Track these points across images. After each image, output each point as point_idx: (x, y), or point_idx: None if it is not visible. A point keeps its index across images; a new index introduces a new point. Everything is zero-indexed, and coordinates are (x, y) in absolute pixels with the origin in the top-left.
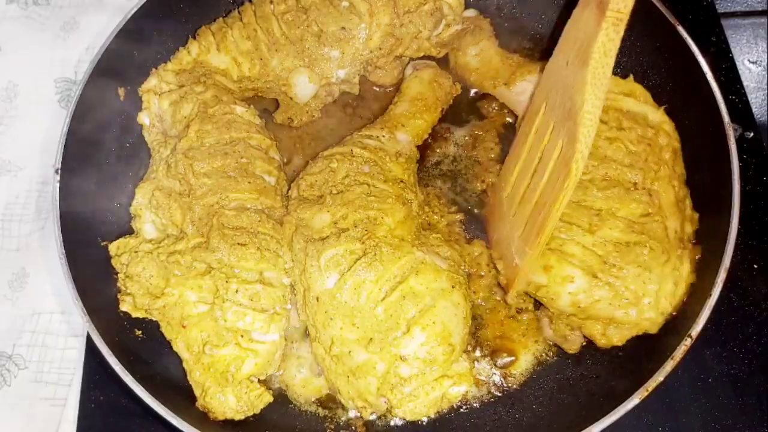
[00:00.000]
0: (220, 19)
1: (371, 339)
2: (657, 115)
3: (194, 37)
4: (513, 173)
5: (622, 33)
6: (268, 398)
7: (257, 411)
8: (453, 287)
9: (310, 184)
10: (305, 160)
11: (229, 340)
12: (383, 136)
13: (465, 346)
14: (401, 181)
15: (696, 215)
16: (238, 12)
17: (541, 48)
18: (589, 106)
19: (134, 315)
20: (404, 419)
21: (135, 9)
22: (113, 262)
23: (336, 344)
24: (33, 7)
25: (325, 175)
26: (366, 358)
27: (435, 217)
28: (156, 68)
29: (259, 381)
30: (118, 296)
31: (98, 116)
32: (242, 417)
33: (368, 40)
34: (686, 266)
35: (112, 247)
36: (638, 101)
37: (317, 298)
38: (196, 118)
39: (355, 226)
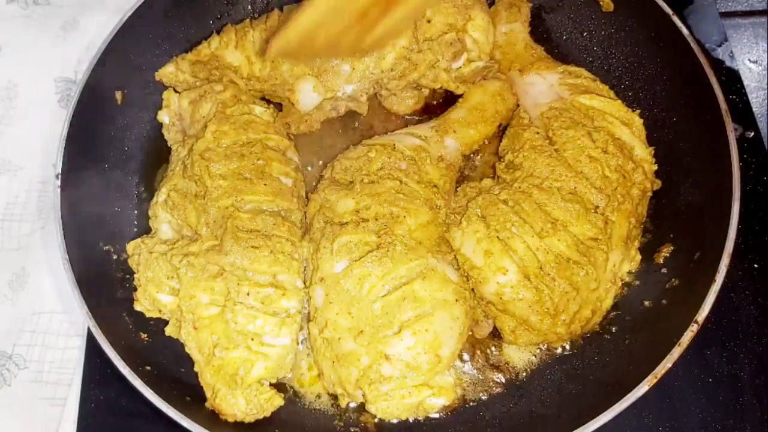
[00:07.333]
0: (247, 20)
1: (362, 331)
2: (643, 152)
3: (218, 33)
4: None
5: None
6: (279, 401)
7: (267, 414)
8: (456, 301)
9: (345, 168)
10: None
11: (239, 343)
12: (430, 138)
13: (454, 360)
14: (435, 186)
15: (638, 257)
16: (266, 16)
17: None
18: None
19: (148, 315)
20: (375, 416)
21: (131, 12)
22: (129, 261)
23: (329, 328)
24: (33, 7)
25: (361, 162)
26: (353, 348)
27: None
28: (176, 56)
29: (270, 384)
30: (134, 295)
31: (97, 120)
32: (252, 419)
33: (381, 59)
34: (609, 300)
35: (129, 247)
36: (632, 133)
37: (322, 279)
38: (214, 118)
39: (376, 219)
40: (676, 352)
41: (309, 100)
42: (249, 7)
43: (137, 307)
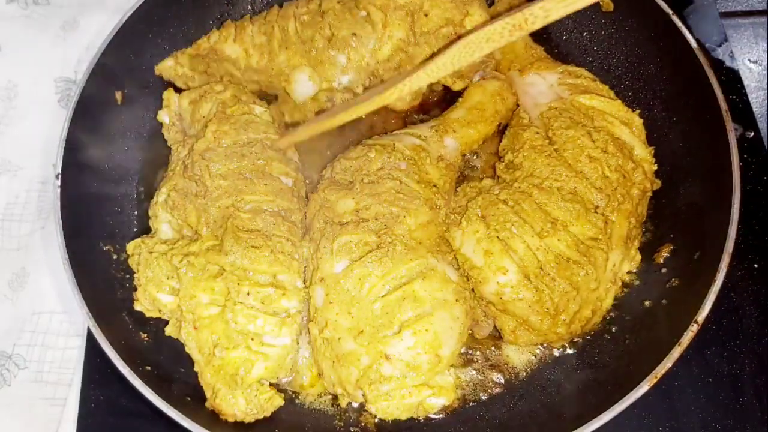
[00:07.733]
0: (247, 15)
1: (362, 331)
2: (643, 152)
3: (218, 29)
4: None
5: None
6: (279, 401)
7: (267, 414)
8: (456, 301)
9: (344, 168)
10: None
11: (239, 343)
12: (430, 137)
13: (454, 360)
14: (435, 186)
15: (638, 257)
16: (266, 12)
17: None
18: None
19: (148, 315)
20: (375, 415)
21: (131, 12)
22: (129, 261)
23: (329, 328)
24: (33, 7)
25: (360, 162)
26: (353, 348)
27: None
28: (175, 52)
29: (270, 384)
30: (134, 295)
31: (97, 120)
32: (252, 420)
33: (377, 50)
34: (609, 300)
35: (129, 247)
36: (632, 133)
37: (322, 279)
38: (214, 118)
39: (376, 219)
40: (676, 352)
41: (304, 90)
42: (249, 6)
43: (137, 307)
